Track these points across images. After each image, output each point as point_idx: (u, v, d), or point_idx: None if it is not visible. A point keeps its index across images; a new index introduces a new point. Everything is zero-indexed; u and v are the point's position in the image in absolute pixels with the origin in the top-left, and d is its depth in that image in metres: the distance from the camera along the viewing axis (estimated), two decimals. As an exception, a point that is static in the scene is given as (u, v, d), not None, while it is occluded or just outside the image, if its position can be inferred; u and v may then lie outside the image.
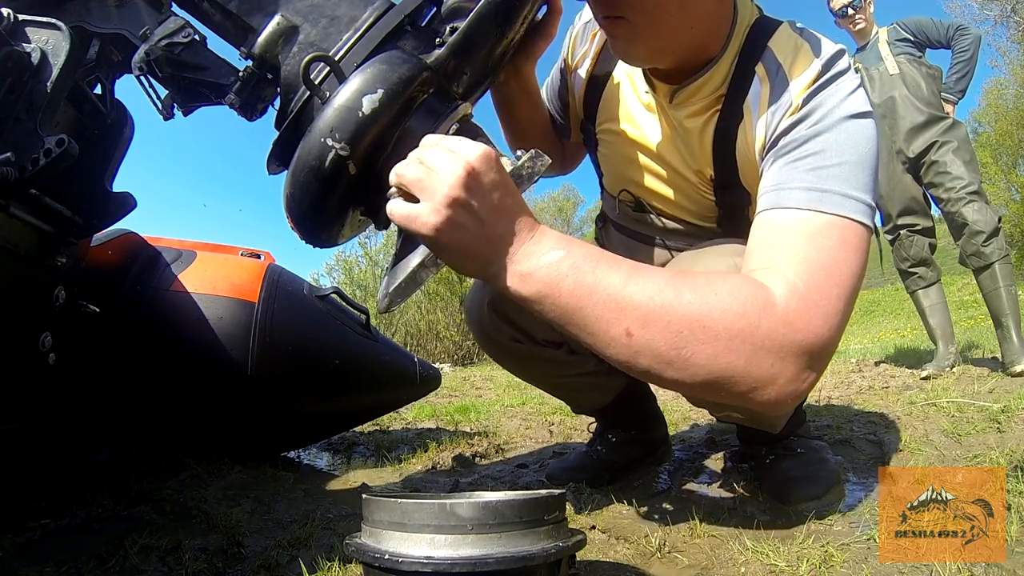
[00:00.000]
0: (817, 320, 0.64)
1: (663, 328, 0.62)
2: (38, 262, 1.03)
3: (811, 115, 0.77)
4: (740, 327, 0.62)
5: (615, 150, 1.05)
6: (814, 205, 0.71)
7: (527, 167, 0.66)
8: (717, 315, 0.62)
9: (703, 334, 0.62)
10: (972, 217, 2.55)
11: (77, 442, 1.31)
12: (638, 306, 0.62)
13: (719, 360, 0.62)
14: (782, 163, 0.77)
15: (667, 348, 0.62)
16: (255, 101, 0.79)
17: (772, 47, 0.84)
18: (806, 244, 0.69)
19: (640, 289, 0.63)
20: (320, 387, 1.51)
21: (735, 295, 0.63)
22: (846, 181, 0.72)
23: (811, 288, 0.65)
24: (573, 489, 1.19)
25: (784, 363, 0.63)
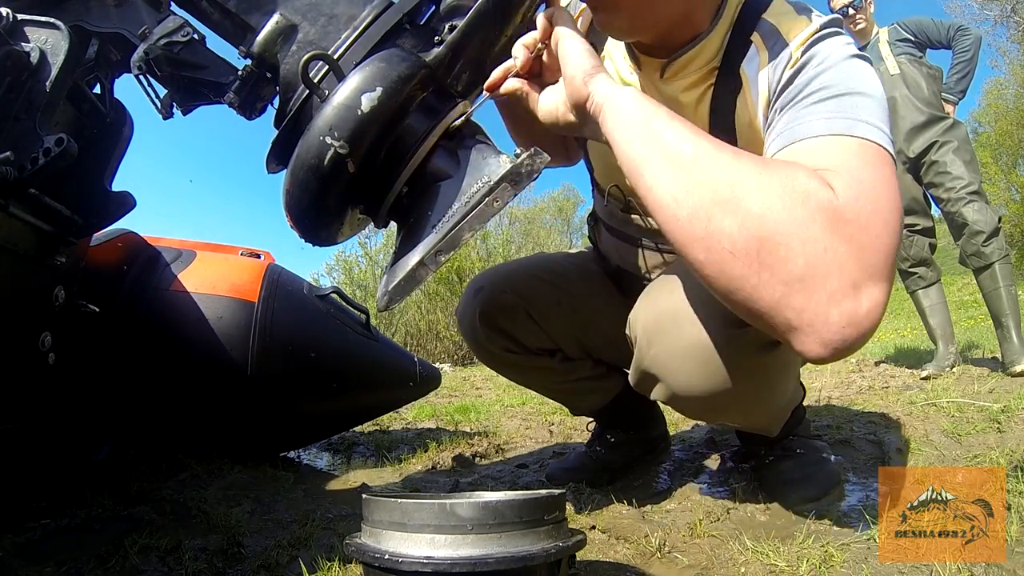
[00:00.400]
0: (877, 216, 0.57)
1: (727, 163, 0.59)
2: (38, 262, 1.03)
3: (812, 60, 0.74)
4: (797, 191, 0.56)
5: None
6: (838, 129, 0.65)
7: (526, 165, 0.66)
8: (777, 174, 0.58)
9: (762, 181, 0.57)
10: (972, 217, 2.54)
11: (77, 442, 1.31)
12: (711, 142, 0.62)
13: (772, 214, 0.55)
14: (791, 108, 0.73)
15: (724, 181, 0.58)
16: (254, 100, 0.79)
17: (767, 17, 0.83)
18: (846, 152, 0.62)
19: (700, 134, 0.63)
20: (320, 387, 1.51)
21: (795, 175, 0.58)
22: (863, 110, 0.66)
23: (868, 187, 0.58)
24: (573, 489, 1.19)
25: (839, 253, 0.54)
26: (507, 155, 0.68)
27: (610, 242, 1.18)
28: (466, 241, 0.69)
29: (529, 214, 21.10)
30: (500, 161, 0.67)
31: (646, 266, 1.13)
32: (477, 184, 0.67)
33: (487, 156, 0.69)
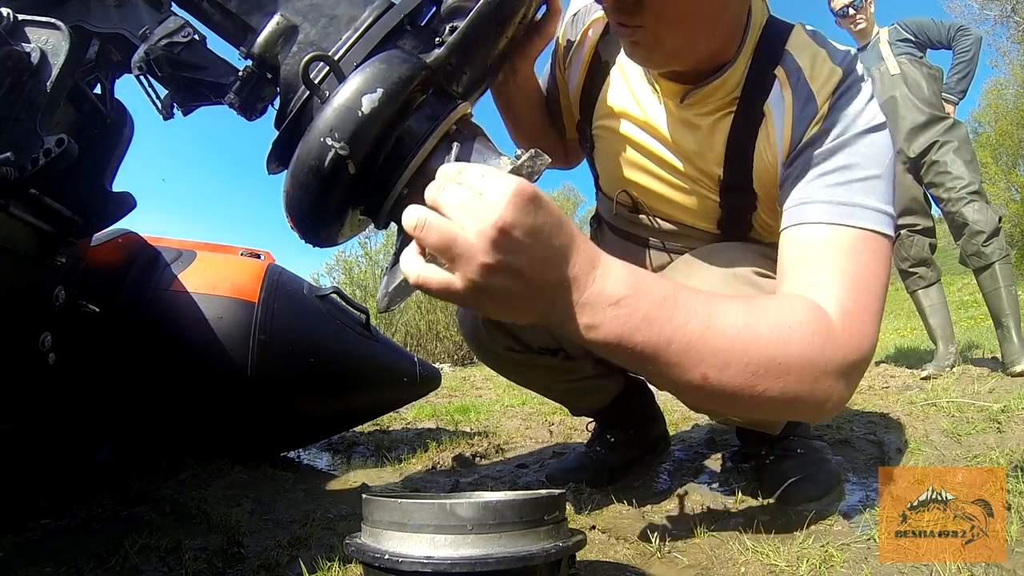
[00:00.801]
0: (863, 338, 0.67)
1: (741, 370, 0.61)
2: (38, 262, 1.03)
3: (835, 126, 0.78)
4: (810, 358, 0.63)
5: (613, 149, 1.03)
6: (844, 220, 0.73)
7: (527, 167, 0.66)
8: (793, 349, 0.62)
9: (778, 371, 0.62)
10: (972, 217, 2.54)
11: (77, 442, 1.31)
12: (717, 351, 0.59)
13: (788, 391, 0.63)
14: (808, 177, 0.78)
15: (741, 387, 0.62)
16: (254, 101, 0.79)
17: (791, 51, 0.84)
18: (845, 260, 0.71)
19: (720, 333, 0.60)
20: (320, 387, 1.51)
21: (805, 325, 0.64)
22: (871, 194, 0.75)
23: (858, 307, 0.68)
24: (573, 489, 1.19)
25: (839, 382, 0.66)
26: (507, 156, 0.68)
27: (615, 243, 1.18)
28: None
29: (529, 214, 21.12)
30: (501, 163, 0.67)
31: (652, 266, 1.13)
32: (477, 185, 0.67)
33: (488, 157, 0.69)
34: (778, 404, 0.64)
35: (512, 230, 0.50)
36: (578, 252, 0.55)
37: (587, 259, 0.56)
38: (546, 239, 0.53)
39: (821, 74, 0.81)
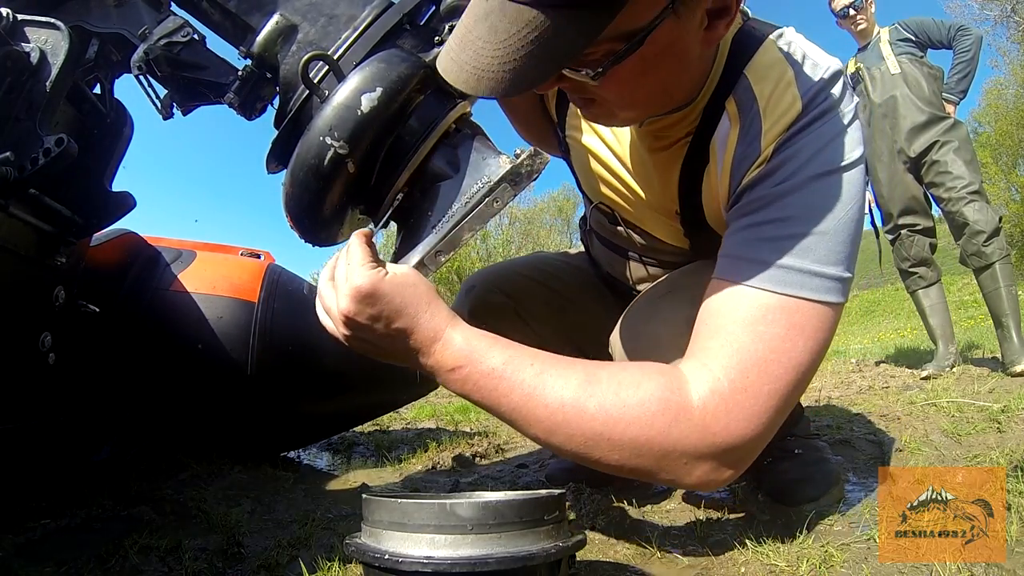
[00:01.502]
0: (738, 422, 0.62)
1: (567, 438, 0.63)
2: (38, 262, 1.03)
3: (779, 169, 0.68)
4: (647, 437, 0.61)
5: (582, 161, 0.99)
6: (770, 284, 0.65)
7: (526, 165, 0.66)
8: (622, 427, 0.61)
9: (608, 444, 0.62)
10: (973, 217, 2.54)
11: (77, 442, 1.31)
12: (541, 419, 0.63)
13: (628, 463, 0.63)
14: (742, 226, 0.70)
15: (577, 452, 0.64)
16: (254, 100, 0.79)
17: (748, 75, 0.73)
18: (745, 333, 0.64)
19: (542, 404, 0.63)
20: (320, 387, 1.51)
21: (645, 406, 0.62)
22: (810, 254, 0.65)
23: (736, 388, 0.62)
24: (573, 489, 1.19)
25: (698, 462, 0.63)
26: (507, 155, 0.68)
27: (600, 249, 1.18)
28: (466, 241, 0.69)
29: (529, 214, 21.12)
30: (500, 162, 0.67)
31: (632, 277, 1.12)
32: (477, 184, 0.67)
33: (487, 157, 0.69)
34: (627, 472, 0.64)
35: (355, 316, 0.64)
36: (419, 331, 0.65)
37: (429, 334, 0.65)
38: (385, 322, 0.64)
39: (778, 107, 0.70)
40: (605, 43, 0.57)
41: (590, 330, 1.19)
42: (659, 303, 0.90)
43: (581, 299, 1.23)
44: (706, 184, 0.80)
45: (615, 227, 1.04)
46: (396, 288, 0.64)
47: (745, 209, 0.70)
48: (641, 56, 0.60)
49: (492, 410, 0.65)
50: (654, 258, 1.06)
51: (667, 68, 0.65)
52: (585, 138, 0.96)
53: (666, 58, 0.63)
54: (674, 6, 0.57)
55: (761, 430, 0.63)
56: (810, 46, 0.75)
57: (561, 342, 1.23)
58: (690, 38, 0.63)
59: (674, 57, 0.64)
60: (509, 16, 0.52)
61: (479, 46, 0.54)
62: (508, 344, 0.66)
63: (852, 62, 2.89)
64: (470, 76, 0.55)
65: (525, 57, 0.53)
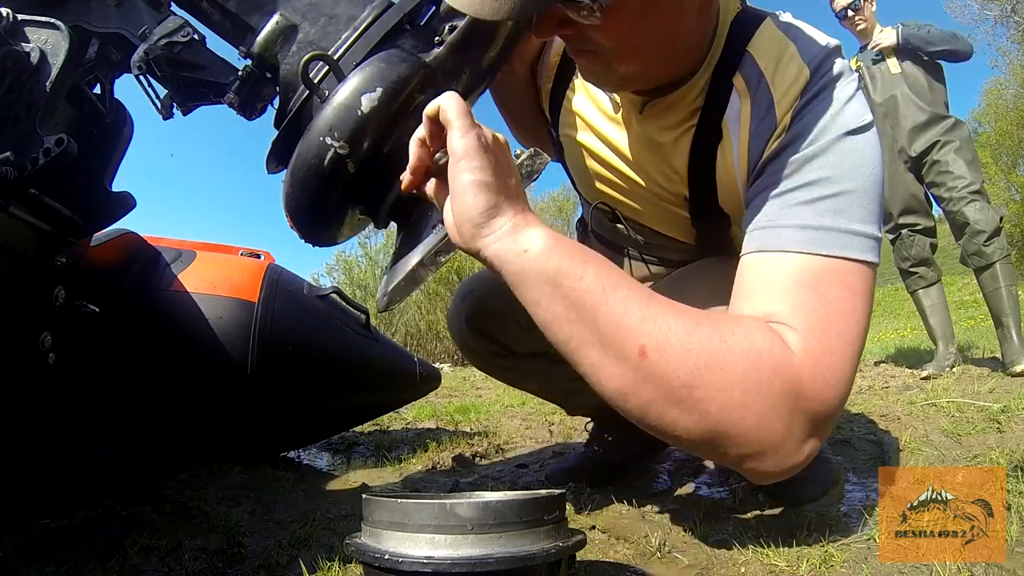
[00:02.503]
0: (829, 387, 0.59)
1: (682, 356, 0.55)
2: (38, 262, 1.03)
3: (801, 136, 0.67)
4: (757, 379, 0.56)
5: (578, 160, 0.98)
6: (813, 247, 0.63)
7: (526, 165, 0.66)
8: (736, 358, 0.56)
9: (721, 376, 0.55)
10: (974, 217, 2.55)
11: (77, 442, 1.31)
12: (661, 323, 0.56)
13: (731, 412, 0.56)
14: (771, 196, 0.68)
15: (679, 381, 0.55)
16: (254, 100, 0.79)
17: (752, 52, 0.73)
18: (811, 295, 0.61)
19: (664, 307, 0.57)
20: (320, 387, 1.51)
21: (752, 340, 0.57)
22: (847, 213, 0.64)
23: (824, 349, 0.58)
24: (573, 489, 1.19)
25: (791, 429, 0.57)
26: (507, 155, 0.68)
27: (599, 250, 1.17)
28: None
29: (529, 214, 21.09)
30: (500, 161, 0.67)
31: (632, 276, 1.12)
32: (477, 184, 0.67)
33: (487, 156, 0.68)
34: (719, 427, 0.56)
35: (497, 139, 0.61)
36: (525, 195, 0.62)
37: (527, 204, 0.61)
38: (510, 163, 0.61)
39: (786, 77, 0.70)
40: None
41: None
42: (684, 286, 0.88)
43: None
44: (720, 163, 0.78)
45: (615, 225, 1.03)
46: None
47: (771, 179, 0.68)
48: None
49: (596, 300, 0.56)
50: (656, 256, 1.06)
51: (665, 17, 0.65)
52: (580, 135, 0.95)
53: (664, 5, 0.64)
54: None
55: (844, 397, 0.60)
56: (807, 25, 0.76)
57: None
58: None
59: (672, 6, 0.65)
60: None
61: None
62: None
63: (853, 61, 2.89)
64: None
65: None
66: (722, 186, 0.80)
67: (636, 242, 1.04)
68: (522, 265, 0.58)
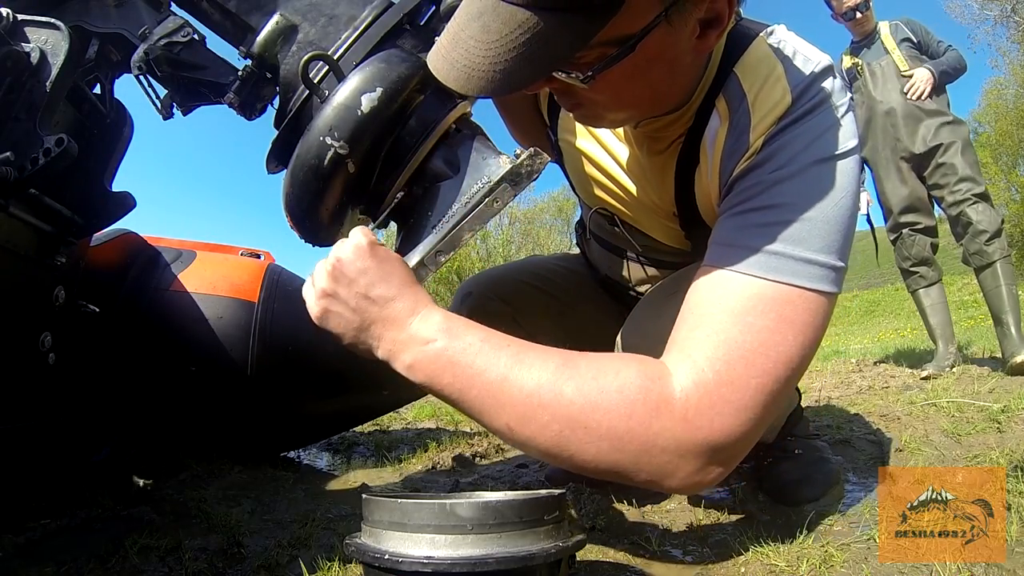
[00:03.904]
0: (723, 417, 0.59)
1: (542, 427, 0.59)
2: (38, 262, 1.03)
3: (770, 159, 0.67)
4: (627, 428, 0.58)
5: (576, 165, 0.98)
6: (759, 271, 0.62)
7: (526, 165, 0.66)
8: (600, 415, 0.58)
9: (584, 434, 0.58)
10: (976, 217, 2.56)
11: (77, 442, 1.31)
12: (516, 403, 0.59)
13: (604, 458, 0.59)
14: (733, 214, 0.68)
15: (549, 445, 0.60)
16: (254, 100, 0.79)
17: (738, 72, 0.72)
18: (733, 323, 0.61)
19: (517, 385, 0.60)
20: (320, 387, 1.51)
21: (624, 393, 0.59)
22: (805, 242, 0.63)
23: (721, 380, 0.59)
24: (573, 489, 1.19)
25: (682, 460, 0.59)
26: (507, 155, 0.68)
27: (598, 251, 1.17)
28: (466, 241, 0.69)
29: (529, 214, 21.10)
30: (500, 161, 0.67)
31: (631, 278, 1.12)
32: (477, 184, 0.67)
33: (487, 156, 0.69)
34: (603, 470, 0.60)
35: (344, 264, 0.64)
36: (401, 299, 0.64)
37: (409, 306, 0.63)
38: (370, 280, 0.63)
39: (767, 101, 0.69)
40: (597, 47, 0.57)
41: (588, 335, 1.18)
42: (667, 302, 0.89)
43: (579, 304, 1.22)
44: (698, 183, 0.79)
45: (614, 228, 1.04)
46: (391, 257, 0.65)
47: (736, 198, 0.69)
48: (632, 61, 0.60)
49: (460, 396, 0.61)
50: (654, 259, 1.06)
51: (657, 74, 0.65)
52: (580, 142, 0.95)
53: (657, 64, 0.63)
54: (667, 14, 0.57)
55: (748, 426, 0.60)
56: (801, 42, 0.74)
57: (559, 347, 1.23)
58: (681, 46, 0.63)
59: (665, 63, 0.64)
60: (502, 17, 0.52)
61: (471, 45, 0.54)
62: (485, 328, 0.64)
63: (847, 58, 2.88)
64: (460, 74, 0.55)
65: (516, 58, 0.53)
66: (702, 206, 0.82)
67: (634, 246, 1.04)
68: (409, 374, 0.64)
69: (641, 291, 1.13)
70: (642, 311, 0.94)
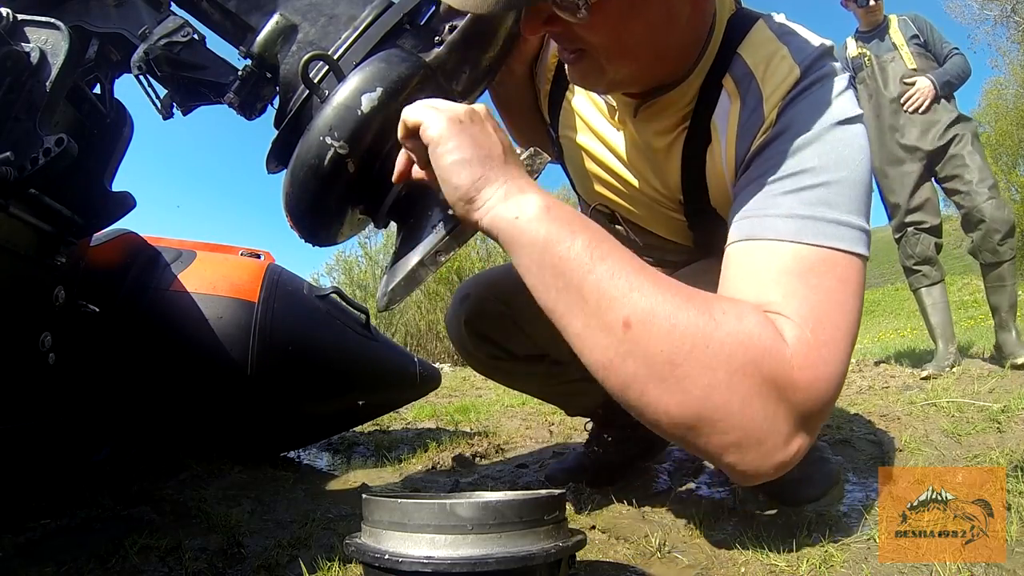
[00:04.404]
0: (822, 380, 0.56)
1: (667, 331, 0.53)
2: (38, 262, 1.03)
3: (789, 128, 0.66)
4: (744, 362, 0.53)
5: (577, 161, 0.98)
6: (802, 236, 0.60)
7: (526, 164, 0.66)
8: (723, 337, 0.53)
9: (706, 355, 0.53)
10: (991, 214, 2.57)
11: (77, 442, 1.31)
12: (648, 295, 0.54)
13: (715, 394, 0.53)
14: (758, 186, 0.66)
15: (663, 357, 0.53)
16: (254, 100, 0.79)
17: (743, 53, 0.73)
18: (802, 284, 0.58)
19: (654, 280, 0.55)
20: (320, 387, 1.51)
21: (743, 322, 0.55)
22: (836, 204, 0.62)
23: (819, 341, 0.56)
24: (573, 489, 1.19)
25: (778, 420, 0.55)
26: (507, 155, 0.68)
27: None
28: (466, 241, 0.69)
29: (529, 214, 21.12)
30: (500, 161, 0.67)
31: None
32: (477, 184, 0.67)
33: (487, 156, 0.68)
34: (703, 409, 0.53)
35: (479, 114, 0.60)
36: (517, 159, 0.61)
37: (526, 182, 0.60)
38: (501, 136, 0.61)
39: (776, 75, 0.69)
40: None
41: None
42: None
43: None
44: (710, 164, 0.78)
45: (614, 227, 1.03)
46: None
47: (759, 170, 0.67)
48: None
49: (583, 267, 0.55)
50: (655, 257, 1.06)
51: (655, 12, 0.65)
52: (580, 137, 0.95)
53: (654, 2, 0.64)
54: None
55: (837, 391, 0.58)
56: (800, 27, 0.75)
57: (558, 347, 1.23)
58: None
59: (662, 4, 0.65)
60: None
61: None
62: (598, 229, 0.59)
63: (854, 45, 2.86)
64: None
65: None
66: (713, 189, 0.80)
67: (635, 243, 1.04)
68: (512, 232, 0.57)
69: None
70: None
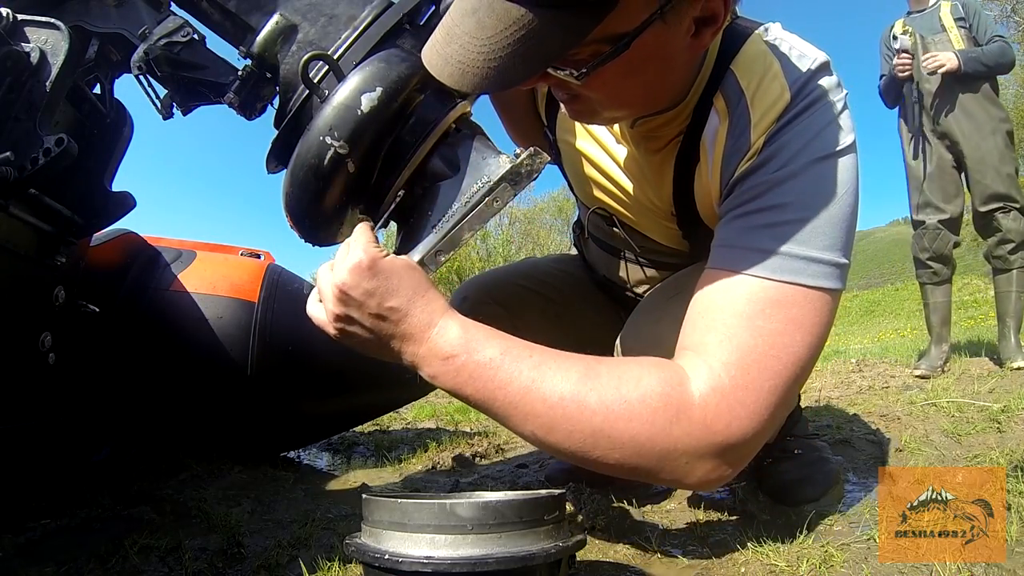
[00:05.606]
0: (739, 420, 0.61)
1: (567, 435, 0.60)
2: (38, 262, 1.03)
3: (772, 159, 0.67)
4: (648, 435, 0.60)
5: (575, 165, 0.98)
6: (765, 272, 0.63)
7: (526, 165, 0.66)
8: (623, 425, 0.59)
9: (608, 442, 0.60)
10: (1007, 226, 2.59)
11: (77, 442, 1.31)
12: (540, 414, 0.60)
13: (628, 462, 0.61)
14: (736, 216, 0.68)
15: (576, 450, 0.61)
16: (254, 100, 0.79)
17: (735, 70, 0.72)
18: (743, 326, 0.62)
19: (540, 397, 0.60)
20: (320, 387, 1.51)
21: (646, 402, 0.60)
22: (809, 241, 0.64)
23: (737, 384, 0.61)
24: (573, 489, 1.19)
25: (700, 461, 0.61)
26: (507, 155, 0.68)
27: (596, 252, 1.17)
28: (466, 241, 0.69)
29: (529, 214, 21.11)
30: (500, 161, 0.67)
31: (629, 279, 1.12)
32: (477, 184, 0.67)
33: (487, 156, 0.69)
34: (626, 472, 0.62)
35: (349, 290, 0.62)
36: (413, 314, 0.63)
37: (424, 319, 0.63)
38: (379, 299, 0.62)
39: (766, 98, 0.69)
40: (591, 44, 0.57)
41: (586, 337, 1.18)
42: (667, 305, 0.89)
43: (576, 306, 1.22)
44: (698, 182, 0.79)
45: (612, 229, 1.03)
46: (395, 268, 0.63)
47: (739, 199, 0.69)
48: (627, 59, 0.60)
49: (485, 405, 0.62)
50: (652, 260, 1.06)
51: (652, 72, 0.65)
52: (579, 142, 0.95)
53: (651, 62, 0.64)
54: (662, 12, 0.57)
55: (763, 427, 0.62)
56: (796, 39, 0.75)
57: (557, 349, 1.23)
58: (676, 44, 0.63)
59: (660, 61, 0.65)
60: (497, 13, 0.53)
61: (465, 41, 0.54)
62: (505, 336, 0.64)
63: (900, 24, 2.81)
64: (455, 70, 0.55)
65: (511, 55, 0.53)
66: (701, 205, 0.82)
67: (633, 247, 1.04)
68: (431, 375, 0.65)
69: (639, 292, 1.12)
70: (641, 315, 0.94)
